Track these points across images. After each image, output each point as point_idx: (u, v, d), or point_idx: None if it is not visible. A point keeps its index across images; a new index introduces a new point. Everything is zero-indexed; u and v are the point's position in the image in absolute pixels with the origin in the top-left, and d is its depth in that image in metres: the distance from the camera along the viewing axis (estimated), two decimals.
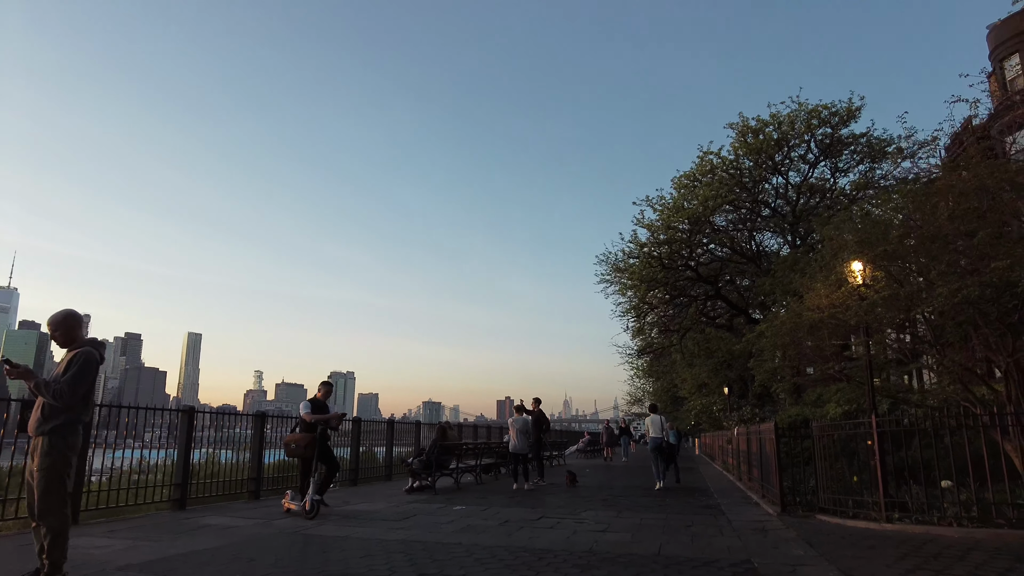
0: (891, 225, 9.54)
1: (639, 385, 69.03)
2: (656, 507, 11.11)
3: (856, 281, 9.82)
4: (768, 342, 11.93)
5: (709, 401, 34.94)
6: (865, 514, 8.74)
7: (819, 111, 28.56)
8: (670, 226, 29.25)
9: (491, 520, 9.21)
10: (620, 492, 13.79)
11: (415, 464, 13.45)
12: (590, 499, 12.27)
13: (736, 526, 8.82)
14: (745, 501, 12.12)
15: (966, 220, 8.26)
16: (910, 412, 11.46)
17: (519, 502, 11.69)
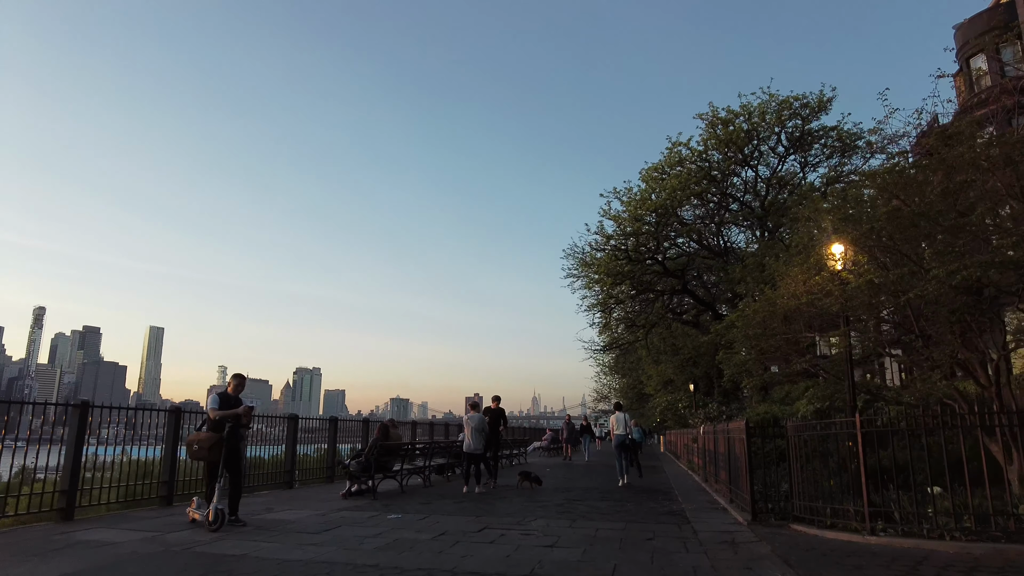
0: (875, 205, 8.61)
1: (605, 382, 68.66)
2: (615, 513, 10.06)
3: (836, 266, 8.88)
4: (739, 332, 10.95)
5: (675, 398, 34.22)
6: (845, 524, 7.78)
7: (790, 102, 27.96)
8: (637, 218, 28.35)
9: (425, 532, 8.04)
10: (578, 495, 12.73)
11: (353, 466, 12.19)
12: (544, 504, 11.17)
13: (703, 538, 7.79)
14: (712, 506, 11.15)
15: (961, 197, 7.36)
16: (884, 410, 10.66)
17: (465, 508, 10.53)
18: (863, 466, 7.46)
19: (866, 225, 7.77)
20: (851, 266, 8.92)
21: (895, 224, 7.54)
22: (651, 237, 29.54)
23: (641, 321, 34.05)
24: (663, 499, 12.30)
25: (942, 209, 7.44)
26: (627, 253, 29.32)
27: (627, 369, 55.79)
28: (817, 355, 11.92)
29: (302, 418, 14.98)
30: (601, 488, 14.37)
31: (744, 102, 28.72)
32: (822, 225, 9.16)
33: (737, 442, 10.23)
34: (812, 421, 8.44)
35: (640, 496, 12.85)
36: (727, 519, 9.48)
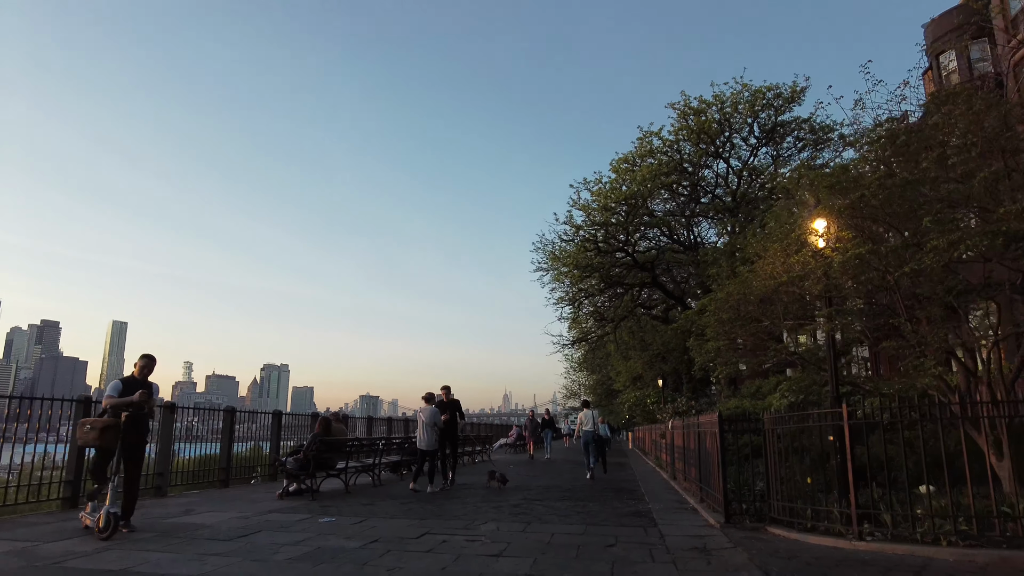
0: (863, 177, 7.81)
1: (575, 379, 68.03)
2: (575, 515, 9.13)
3: (818, 243, 8.05)
4: (711, 317, 10.09)
5: (643, 394, 33.56)
6: (828, 527, 6.95)
7: (763, 92, 27.39)
8: (606, 208, 27.53)
9: (355, 539, 7.00)
10: (537, 494, 11.78)
11: (290, 463, 11.07)
12: (499, 505, 10.19)
13: (671, 544, 6.89)
14: (681, 506, 10.29)
15: (963, 160, 6.58)
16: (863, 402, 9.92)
17: (411, 510, 9.51)
18: (850, 462, 6.63)
19: (855, 194, 6.95)
20: (835, 244, 8.09)
21: (887, 192, 6.73)
22: (621, 228, 28.77)
23: (610, 315, 33.28)
24: (628, 498, 11.42)
25: (938, 176, 6.65)
26: (596, 244, 28.48)
27: (596, 365, 55.18)
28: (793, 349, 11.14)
29: (240, 411, 13.79)
30: (563, 486, 13.45)
31: (717, 91, 28.08)
32: (804, 199, 8.35)
33: (708, 436, 9.38)
34: (792, 413, 7.60)
35: (604, 495, 11.96)
36: (698, 521, 8.62)
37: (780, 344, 8.86)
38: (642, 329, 35.64)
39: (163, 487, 11.01)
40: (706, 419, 9.74)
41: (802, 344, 10.22)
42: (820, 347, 10.77)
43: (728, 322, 9.55)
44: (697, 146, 28.60)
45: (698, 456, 10.65)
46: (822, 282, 7.47)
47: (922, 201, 6.74)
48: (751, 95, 27.39)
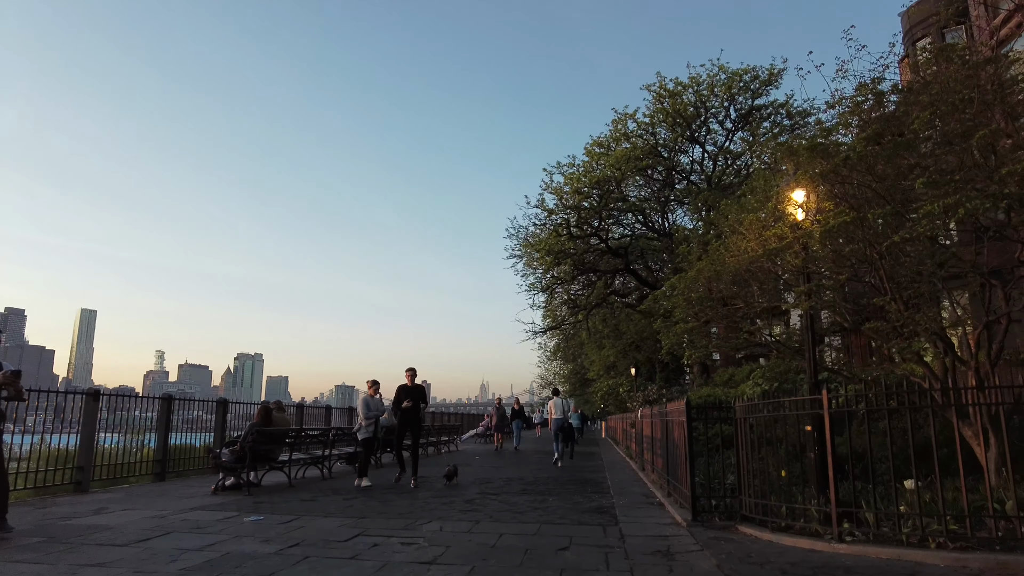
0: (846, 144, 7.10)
1: (550, 368, 67.43)
2: (532, 511, 8.37)
3: (797, 214, 7.33)
4: (679, 298, 9.33)
5: (616, 383, 32.99)
6: (804, 527, 6.26)
7: (740, 75, 26.76)
8: (578, 191, 26.74)
9: (275, 543, 6.15)
10: (496, 488, 11.01)
11: (225, 455, 10.16)
12: (451, 500, 9.40)
13: (631, 546, 6.15)
14: (647, 500, 9.59)
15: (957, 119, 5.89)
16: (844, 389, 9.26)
17: (351, 508, 8.67)
18: (830, 455, 5.93)
19: (838, 156, 6.23)
20: (816, 216, 7.37)
21: (875, 154, 6.02)
22: (594, 213, 28.03)
23: (582, 302, 32.60)
24: (592, 492, 10.70)
25: (930, 136, 5.96)
26: (569, 229, 27.72)
27: (570, 354, 54.60)
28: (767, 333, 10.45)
29: (179, 399, 12.81)
30: (525, 479, 12.70)
31: (693, 73, 27.40)
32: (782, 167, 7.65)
33: (676, 426, 8.67)
34: (766, 400, 6.89)
35: (567, 487, 11.23)
36: (663, 518, 7.90)
37: (753, 326, 8.14)
38: (616, 317, 35.08)
39: (84, 482, 10.03)
40: (673, 407, 9.03)
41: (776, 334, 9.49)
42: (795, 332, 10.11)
43: (698, 302, 8.80)
44: (673, 130, 27.93)
45: (665, 447, 9.95)
46: (800, 256, 6.76)
47: (912, 164, 6.05)
48: (728, 77, 26.75)
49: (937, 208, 5.14)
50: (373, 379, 11.46)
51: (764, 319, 8.37)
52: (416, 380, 11.24)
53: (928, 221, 5.37)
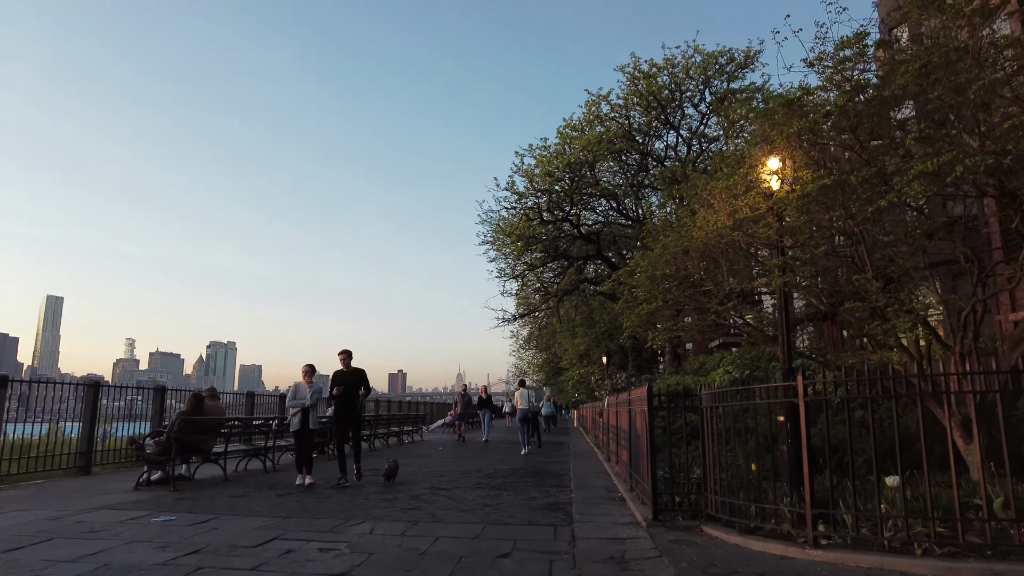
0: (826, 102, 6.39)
1: (523, 357, 66.91)
2: (481, 508, 7.63)
3: (770, 183, 6.63)
4: (643, 276, 8.58)
5: (587, 371, 32.41)
6: (776, 529, 5.59)
7: (716, 57, 26.11)
8: (550, 173, 25.95)
9: (171, 550, 5.32)
10: (448, 482, 10.26)
11: (149, 447, 9.25)
12: (395, 497, 8.62)
13: (581, 552, 5.43)
14: (608, 496, 8.90)
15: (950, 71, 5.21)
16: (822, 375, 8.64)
17: (279, 506, 7.85)
18: (805, 449, 5.24)
19: (818, 113, 5.54)
20: (792, 186, 6.67)
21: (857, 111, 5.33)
22: (566, 197, 27.28)
23: (554, 289, 31.91)
24: (552, 485, 9.99)
25: (919, 92, 5.28)
26: (540, 213, 26.94)
27: (544, 343, 54.01)
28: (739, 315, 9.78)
29: (108, 386, 11.82)
30: (484, 471, 11.96)
31: (668, 55, 26.71)
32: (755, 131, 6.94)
33: (638, 415, 7.97)
34: (735, 388, 6.20)
35: (525, 481, 10.52)
36: (623, 517, 7.21)
37: (722, 307, 7.45)
38: (589, 306, 34.51)
39: None
40: (636, 394, 8.33)
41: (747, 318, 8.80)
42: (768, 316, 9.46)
43: (663, 279, 8.06)
44: (647, 113, 27.24)
45: (629, 437, 9.27)
46: (774, 227, 6.07)
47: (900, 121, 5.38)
48: (703, 60, 26.09)
49: (931, 166, 4.46)
50: (308, 364, 10.41)
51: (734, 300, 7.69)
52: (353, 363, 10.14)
53: (920, 183, 4.70)
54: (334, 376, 10.02)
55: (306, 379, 9.90)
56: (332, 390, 9.87)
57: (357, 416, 10.26)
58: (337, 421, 10.18)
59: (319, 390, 9.98)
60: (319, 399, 9.96)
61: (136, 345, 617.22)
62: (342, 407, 10.02)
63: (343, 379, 9.96)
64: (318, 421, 10.15)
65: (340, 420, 10.13)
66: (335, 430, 10.23)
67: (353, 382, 10.04)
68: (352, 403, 10.03)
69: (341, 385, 9.90)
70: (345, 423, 10.15)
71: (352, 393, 10.00)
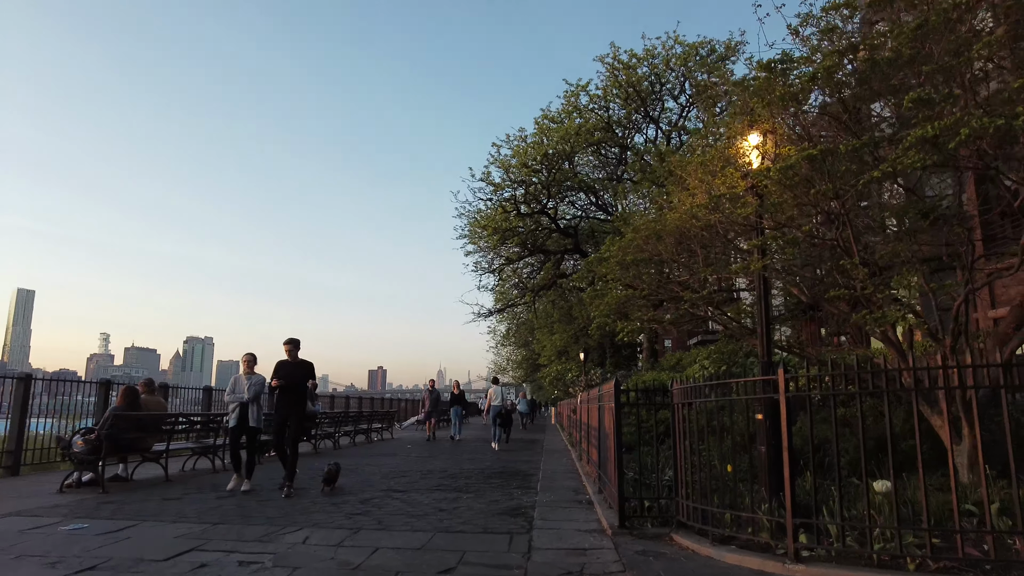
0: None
1: (502, 353, 66.27)
2: (434, 514, 7.00)
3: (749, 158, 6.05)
4: (613, 262, 7.93)
5: (564, 368, 31.87)
6: (752, 539, 5.03)
7: (696, 48, 25.65)
8: (526, 164, 25.31)
9: (61, 568, 4.63)
10: (407, 483, 9.61)
11: (79, 447, 8.49)
12: (343, 500, 7.96)
13: (535, 565, 4.82)
14: (575, 498, 8.31)
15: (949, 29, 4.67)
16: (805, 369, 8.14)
17: (211, 511, 7.16)
18: (786, 451, 4.67)
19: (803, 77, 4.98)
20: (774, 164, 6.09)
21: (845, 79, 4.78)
22: (543, 189, 26.66)
23: (531, 284, 31.31)
24: (517, 487, 9.39)
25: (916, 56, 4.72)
26: (516, 204, 26.30)
27: (522, 339, 53.36)
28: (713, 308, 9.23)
29: (40, 378, 11.00)
30: (449, 471, 11.33)
31: (648, 46, 26.32)
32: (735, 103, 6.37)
33: (607, 412, 7.39)
34: (710, 383, 5.62)
35: (491, 481, 9.90)
36: (588, 523, 6.61)
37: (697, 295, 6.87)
38: (567, 302, 33.96)
39: None
40: (605, 390, 7.74)
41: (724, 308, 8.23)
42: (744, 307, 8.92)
43: (633, 265, 7.43)
44: (627, 104, 26.72)
45: (599, 435, 8.69)
46: (753, 205, 5.50)
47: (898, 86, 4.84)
48: (684, 51, 25.62)
49: (933, 130, 3.91)
50: (249, 353, 9.33)
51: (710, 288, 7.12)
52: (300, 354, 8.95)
53: (917, 151, 4.15)
54: (276, 367, 8.87)
55: (246, 370, 9.08)
56: (272, 383, 8.71)
57: (299, 413, 8.92)
58: (277, 419, 8.82)
59: (260, 383, 9.07)
60: (260, 393, 9.06)
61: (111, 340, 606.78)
62: (284, 403, 8.73)
63: (287, 371, 8.77)
64: (259, 418, 9.12)
65: (281, 418, 8.77)
66: (274, 428, 8.94)
67: (299, 375, 8.82)
68: (296, 399, 8.79)
69: (282, 378, 8.68)
70: (287, 421, 8.78)
71: (297, 388, 8.77)
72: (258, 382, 9.02)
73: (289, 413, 8.76)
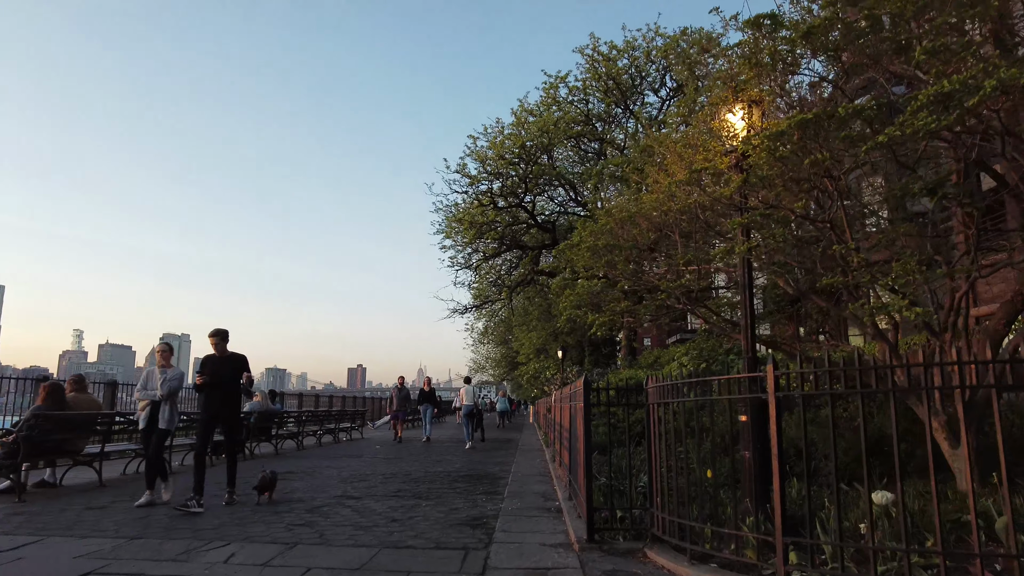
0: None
1: (479, 351, 65.58)
2: (385, 524, 6.32)
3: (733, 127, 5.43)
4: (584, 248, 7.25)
5: (542, 366, 31.29)
6: (734, 558, 4.41)
7: (678, 40, 25.15)
8: (502, 156, 24.63)
9: None
10: (363, 489, 8.92)
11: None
12: (287, 510, 7.25)
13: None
14: (544, 506, 7.67)
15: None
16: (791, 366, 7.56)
17: (134, 522, 6.42)
18: (776, 458, 4.05)
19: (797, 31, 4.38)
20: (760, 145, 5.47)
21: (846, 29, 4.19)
22: (520, 182, 26.02)
23: (508, 281, 30.66)
24: (483, 492, 8.73)
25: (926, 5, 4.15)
26: (493, 198, 25.61)
27: (501, 337, 52.69)
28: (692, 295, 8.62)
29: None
30: (412, 475, 10.64)
31: (628, 37, 25.81)
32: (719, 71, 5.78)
33: (578, 412, 6.76)
34: (690, 380, 5.01)
35: (455, 486, 9.23)
36: (554, 535, 5.97)
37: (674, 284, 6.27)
38: (546, 300, 33.38)
39: None
40: (576, 387, 7.11)
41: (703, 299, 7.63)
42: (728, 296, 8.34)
43: (606, 251, 6.75)
44: (607, 96, 26.16)
45: (571, 438, 8.06)
46: (737, 180, 4.88)
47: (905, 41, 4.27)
48: (665, 43, 25.11)
49: (952, 84, 3.32)
50: (164, 342, 8.10)
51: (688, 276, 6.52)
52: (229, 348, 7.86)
53: (929, 111, 3.56)
54: (202, 363, 7.80)
55: (161, 363, 7.88)
56: (196, 380, 7.65)
57: (232, 415, 7.82)
58: (201, 421, 7.67)
59: (177, 378, 7.82)
60: (176, 390, 7.78)
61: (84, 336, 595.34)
62: (211, 403, 7.57)
63: (213, 367, 7.64)
64: (172, 419, 7.68)
65: (206, 420, 7.60)
66: (198, 431, 7.78)
67: (229, 372, 7.65)
68: (225, 398, 7.62)
69: (207, 375, 7.55)
70: (213, 424, 7.67)
71: (225, 385, 7.62)
72: (175, 377, 7.79)
73: (217, 414, 7.61)
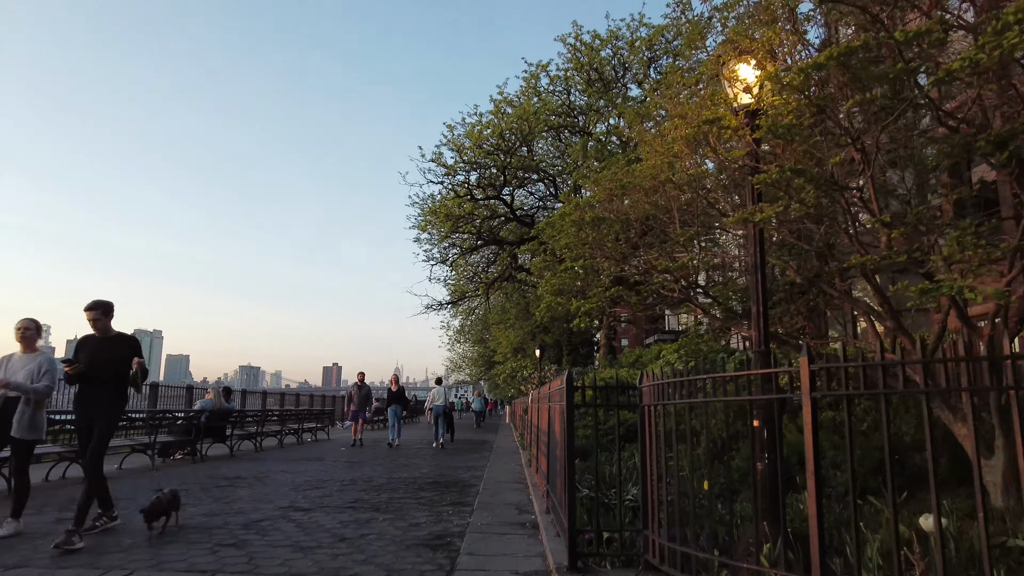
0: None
1: (455, 349, 64.53)
2: (329, 545, 5.38)
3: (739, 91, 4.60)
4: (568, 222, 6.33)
5: (519, 365, 30.42)
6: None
7: (663, 31, 24.45)
8: (480, 145, 23.69)
9: None
10: (315, 499, 7.95)
11: None
12: (220, 525, 6.27)
13: None
14: (517, 520, 6.78)
15: None
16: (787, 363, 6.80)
17: (20, 544, 5.40)
18: (813, 475, 3.18)
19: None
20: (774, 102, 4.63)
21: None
22: (499, 173, 25.08)
23: (485, 277, 29.73)
24: (451, 503, 7.82)
25: None
26: (469, 188, 24.66)
27: (478, 336, 51.69)
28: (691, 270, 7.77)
29: None
30: (375, 482, 9.68)
31: (612, 27, 24.98)
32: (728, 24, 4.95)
33: (557, 414, 5.88)
34: (694, 377, 4.16)
35: (419, 496, 8.30)
36: (528, 559, 5.08)
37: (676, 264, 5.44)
38: (525, 298, 32.55)
39: None
40: (556, 386, 6.22)
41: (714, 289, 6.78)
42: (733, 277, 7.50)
43: (592, 225, 5.84)
44: (589, 89, 25.36)
45: (548, 443, 7.19)
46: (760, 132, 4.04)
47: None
48: (650, 34, 24.40)
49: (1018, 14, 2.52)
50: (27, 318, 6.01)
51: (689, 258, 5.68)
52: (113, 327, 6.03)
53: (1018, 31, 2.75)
54: (77, 346, 6.01)
55: (24, 349, 5.95)
56: (66, 369, 5.69)
57: (113, 413, 5.90)
58: (77, 418, 5.88)
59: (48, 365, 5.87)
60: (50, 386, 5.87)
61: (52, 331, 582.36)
62: (86, 398, 5.78)
63: (91, 351, 5.83)
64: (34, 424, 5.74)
65: (83, 421, 5.79)
66: (78, 435, 6.07)
67: (108, 356, 5.81)
68: (104, 391, 5.78)
69: (82, 361, 5.73)
70: (91, 425, 5.72)
71: (106, 374, 5.80)
72: (45, 362, 5.84)
73: (94, 413, 5.72)
